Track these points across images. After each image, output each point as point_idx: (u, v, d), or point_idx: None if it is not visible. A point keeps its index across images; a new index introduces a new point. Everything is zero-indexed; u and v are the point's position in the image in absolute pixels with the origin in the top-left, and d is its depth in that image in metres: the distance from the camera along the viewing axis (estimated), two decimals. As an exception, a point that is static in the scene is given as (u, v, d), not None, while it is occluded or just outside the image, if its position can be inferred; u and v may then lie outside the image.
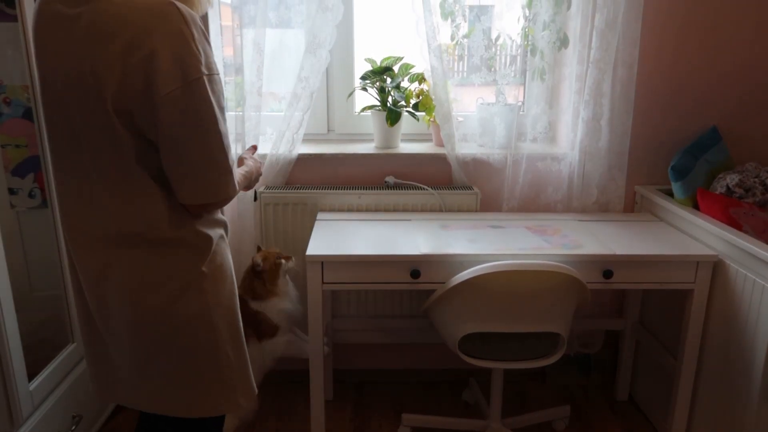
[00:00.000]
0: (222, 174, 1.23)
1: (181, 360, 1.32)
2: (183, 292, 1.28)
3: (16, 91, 1.89)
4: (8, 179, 1.97)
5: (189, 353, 1.32)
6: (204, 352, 1.33)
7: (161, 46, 1.09)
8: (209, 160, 1.20)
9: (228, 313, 1.36)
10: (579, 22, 2.21)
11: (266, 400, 2.42)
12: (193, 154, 1.18)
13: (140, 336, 1.30)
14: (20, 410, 1.64)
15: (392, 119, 2.32)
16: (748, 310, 1.79)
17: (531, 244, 1.96)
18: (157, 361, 1.32)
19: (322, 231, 2.08)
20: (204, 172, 1.21)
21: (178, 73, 1.10)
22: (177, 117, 1.14)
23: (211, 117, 1.17)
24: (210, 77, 1.15)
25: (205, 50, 1.15)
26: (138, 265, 1.26)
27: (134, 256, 1.25)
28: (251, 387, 1.43)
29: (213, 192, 1.24)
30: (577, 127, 2.28)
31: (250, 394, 1.43)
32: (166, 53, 1.09)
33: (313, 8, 2.16)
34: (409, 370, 2.62)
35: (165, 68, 1.09)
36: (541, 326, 1.84)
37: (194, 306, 1.29)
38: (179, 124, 1.15)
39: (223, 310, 1.34)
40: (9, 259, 1.58)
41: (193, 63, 1.12)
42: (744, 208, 2.03)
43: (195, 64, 1.12)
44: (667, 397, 2.16)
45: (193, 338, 1.31)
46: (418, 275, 1.87)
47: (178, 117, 1.14)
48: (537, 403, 2.48)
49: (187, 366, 1.33)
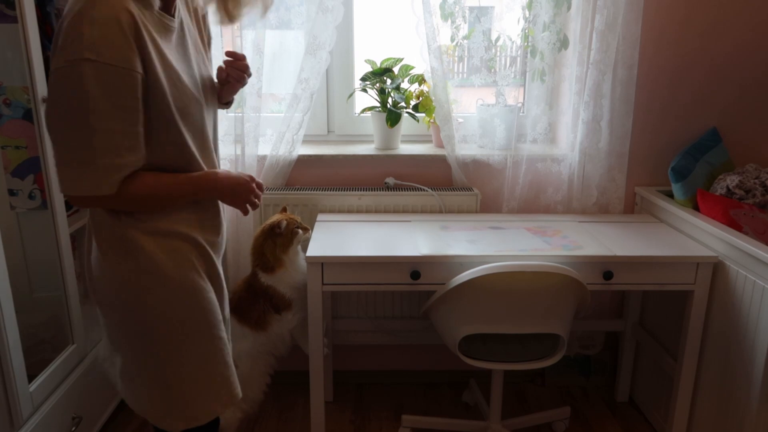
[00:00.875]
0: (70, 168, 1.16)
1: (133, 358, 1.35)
2: (120, 295, 1.30)
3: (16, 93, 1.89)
4: (8, 180, 1.97)
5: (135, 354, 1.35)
6: (143, 361, 1.34)
7: (65, 27, 1.11)
8: (66, 149, 1.15)
9: (171, 330, 1.32)
10: (579, 23, 2.21)
11: (267, 401, 2.42)
12: (52, 137, 1.15)
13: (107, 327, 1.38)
14: (20, 411, 1.63)
15: (392, 120, 2.32)
16: (748, 312, 1.78)
17: (531, 246, 1.96)
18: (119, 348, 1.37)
19: (322, 232, 2.08)
20: (56, 160, 1.16)
21: (64, 52, 1.10)
22: (50, 93, 1.14)
23: (81, 104, 1.11)
24: (99, 65, 1.10)
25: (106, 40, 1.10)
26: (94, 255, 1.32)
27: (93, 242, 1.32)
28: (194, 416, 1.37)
29: (66, 184, 1.17)
30: (577, 129, 2.28)
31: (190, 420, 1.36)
32: (64, 32, 1.11)
33: (313, 10, 2.16)
34: (409, 371, 2.62)
35: (59, 45, 1.11)
36: (541, 327, 1.84)
37: (131, 312, 1.30)
38: (50, 101, 1.14)
39: (165, 326, 1.31)
40: (9, 261, 1.58)
41: (76, 45, 1.09)
42: (744, 209, 2.03)
43: (78, 47, 1.09)
44: (667, 398, 2.16)
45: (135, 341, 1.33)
46: (418, 276, 1.87)
47: (50, 93, 1.14)
48: (537, 404, 2.48)
49: (136, 366, 1.35)
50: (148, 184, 1.24)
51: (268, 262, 2.02)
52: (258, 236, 2.05)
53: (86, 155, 1.15)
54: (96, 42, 1.09)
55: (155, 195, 1.27)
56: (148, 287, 1.29)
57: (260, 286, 2.03)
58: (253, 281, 2.05)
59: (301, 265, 2.08)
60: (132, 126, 1.18)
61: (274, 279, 2.03)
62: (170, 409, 1.35)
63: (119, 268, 1.28)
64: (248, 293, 2.05)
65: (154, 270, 1.29)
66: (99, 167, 1.16)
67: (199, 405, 1.37)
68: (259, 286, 2.03)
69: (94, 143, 1.14)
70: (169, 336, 1.32)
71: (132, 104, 1.16)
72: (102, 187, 1.17)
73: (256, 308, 2.04)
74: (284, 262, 2.03)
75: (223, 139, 2.24)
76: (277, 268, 2.02)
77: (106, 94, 1.12)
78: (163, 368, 1.33)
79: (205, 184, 1.35)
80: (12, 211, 2.00)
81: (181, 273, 1.32)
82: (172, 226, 1.32)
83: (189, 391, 1.35)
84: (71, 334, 1.96)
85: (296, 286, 2.05)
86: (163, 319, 1.31)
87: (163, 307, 1.30)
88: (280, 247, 2.02)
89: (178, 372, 1.34)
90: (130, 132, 1.18)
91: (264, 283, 2.03)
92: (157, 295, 1.30)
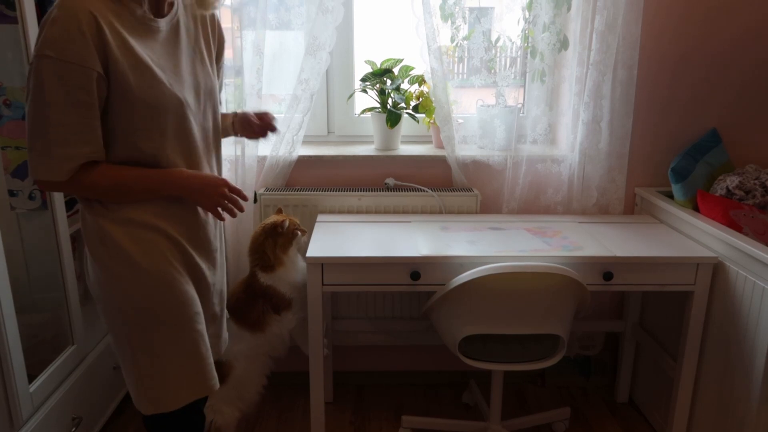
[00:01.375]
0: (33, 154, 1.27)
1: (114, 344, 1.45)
2: (97, 282, 1.40)
3: (16, 93, 1.89)
4: (8, 181, 1.97)
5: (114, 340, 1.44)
6: (117, 346, 1.43)
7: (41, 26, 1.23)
8: (30, 136, 1.26)
9: (140, 319, 1.38)
10: (579, 24, 2.21)
11: (266, 402, 2.42)
12: (27, 127, 1.26)
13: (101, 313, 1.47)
14: (20, 412, 1.63)
15: (392, 121, 2.32)
16: (748, 312, 1.78)
17: (531, 246, 1.96)
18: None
19: (322, 233, 2.08)
20: (28, 148, 1.27)
21: (34, 50, 1.22)
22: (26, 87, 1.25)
23: (40, 97, 1.21)
24: (56, 61, 1.19)
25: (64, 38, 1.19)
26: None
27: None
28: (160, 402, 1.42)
29: (30, 169, 1.28)
30: (577, 129, 2.28)
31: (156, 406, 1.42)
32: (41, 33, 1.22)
33: (313, 10, 2.16)
34: (409, 372, 2.62)
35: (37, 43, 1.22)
36: (541, 328, 1.84)
37: (105, 299, 1.40)
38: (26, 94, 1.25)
39: (134, 316, 1.38)
40: (9, 261, 1.58)
41: (39, 43, 1.20)
42: (744, 210, 2.03)
43: (40, 44, 1.20)
44: (667, 399, 2.16)
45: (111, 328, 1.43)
46: (418, 277, 1.87)
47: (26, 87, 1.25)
48: (537, 405, 2.48)
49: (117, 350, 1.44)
50: (106, 175, 1.31)
51: (268, 261, 2.02)
52: (258, 235, 2.04)
53: (43, 143, 1.25)
54: (56, 40, 1.19)
55: (115, 186, 1.33)
56: (117, 274, 1.36)
57: (259, 286, 2.02)
58: (252, 282, 2.04)
59: (301, 265, 2.07)
60: (86, 119, 1.26)
61: (274, 278, 2.02)
62: (142, 392, 1.42)
63: (96, 255, 1.38)
64: (246, 294, 2.05)
65: (123, 258, 1.35)
66: (53, 156, 1.25)
67: (168, 392, 1.42)
68: (258, 287, 2.03)
69: (50, 133, 1.24)
70: (139, 323, 1.38)
71: (86, 99, 1.24)
72: (55, 174, 1.27)
73: (255, 309, 2.03)
74: (284, 261, 2.03)
75: (223, 139, 2.23)
76: (277, 267, 2.02)
77: (62, 88, 1.21)
78: (133, 353, 1.40)
79: (170, 180, 1.39)
80: (12, 212, 2.00)
81: (150, 262, 1.37)
82: (142, 217, 1.38)
83: (158, 377, 1.41)
84: (71, 335, 1.96)
85: (296, 286, 2.04)
86: (132, 306, 1.38)
87: (131, 293, 1.37)
88: (280, 247, 2.01)
89: (147, 358, 1.40)
90: (83, 125, 1.26)
91: (263, 283, 2.02)
92: (127, 282, 1.37)
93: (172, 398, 1.42)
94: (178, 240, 1.42)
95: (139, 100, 1.30)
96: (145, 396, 1.41)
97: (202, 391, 1.46)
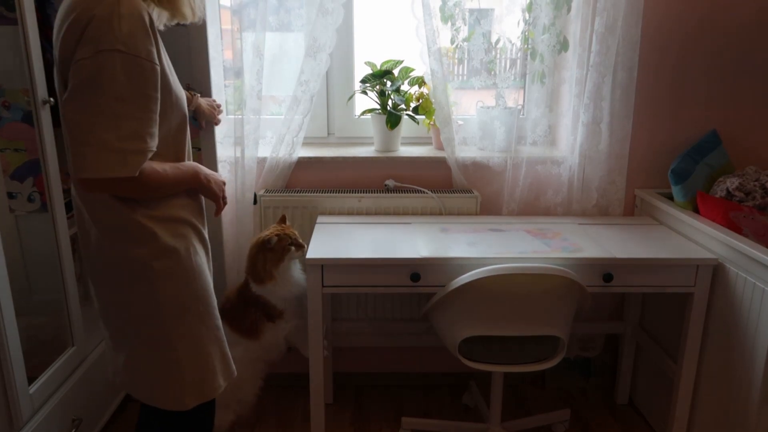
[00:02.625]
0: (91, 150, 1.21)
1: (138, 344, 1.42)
2: (131, 282, 1.37)
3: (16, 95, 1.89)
4: (7, 183, 1.97)
5: (142, 340, 1.42)
6: (153, 344, 1.41)
7: (93, 22, 1.19)
8: (87, 132, 1.20)
9: (182, 311, 1.41)
10: (579, 25, 2.22)
11: (266, 404, 2.42)
12: (75, 120, 1.21)
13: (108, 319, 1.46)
14: (20, 413, 1.63)
15: (392, 123, 2.32)
16: (748, 314, 1.78)
17: (531, 248, 1.96)
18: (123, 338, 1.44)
19: (322, 234, 2.08)
20: (77, 143, 1.22)
21: (94, 44, 1.19)
22: (76, 81, 1.21)
23: (111, 91, 1.20)
24: (127, 57, 1.20)
25: (133, 34, 1.21)
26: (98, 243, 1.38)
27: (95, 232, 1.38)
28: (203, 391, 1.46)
29: (87, 166, 1.22)
30: (577, 131, 2.28)
31: (199, 396, 1.46)
32: (92, 27, 1.19)
33: (313, 12, 2.16)
34: (409, 374, 2.62)
35: (87, 37, 1.19)
36: (541, 330, 1.84)
37: (142, 297, 1.38)
38: (74, 88, 1.21)
39: (176, 308, 1.40)
40: (8, 263, 1.58)
41: (108, 37, 1.19)
42: (744, 211, 2.03)
43: (110, 39, 1.19)
44: (667, 400, 2.16)
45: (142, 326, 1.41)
46: (418, 278, 1.87)
47: (76, 81, 1.21)
48: (537, 406, 2.48)
49: (142, 352, 1.42)
50: (158, 171, 1.32)
51: (258, 274, 2.02)
52: (252, 246, 2.05)
53: (111, 138, 1.21)
54: (125, 35, 1.20)
55: (164, 181, 1.35)
56: (161, 272, 1.36)
57: (251, 295, 2.03)
58: (245, 290, 2.05)
59: (296, 278, 2.06)
60: (152, 113, 1.28)
61: (265, 290, 2.03)
62: (182, 388, 1.42)
63: (130, 255, 1.35)
64: (240, 300, 2.05)
65: (168, 254, 1.37)
66: (126, 150, 1.23)
67: (208, 381, 1.46)
68: (250, 295, 2.03)
69: (121, 128, 1.22)
70: (180, 317, 1.40)
71: (153, 94, 1.26)
72: (127, 169, 1.24)
73: (248, 316, 2.03)
74: (274, 275, 2.01)
75: (223, 141, 2.24)
76: (267, 281, 2.02)
77: (132, 83, 1.22)
78: (174, 348, 1.41)
79: (194, 173, 1.46)
80: (11, 214, 2.00)
81: (188, 256, 1.41)
82: (177, 212, 1.41)
83: (200, 369, 1.44)
84: (71, 336, 1.96)
85: (287, 298, 2.05)
86: (175, 301, 1.39)
87: (175, 290, 1.39)
88: (270, 262, 2.00)
89: (189, 350, 1.42)
90: (151, 119, 1.27)
91: (255, 293, 2.03)
92: (171, 279, 1.38)
93: (212, 386, 1.47)
94: (201, 231, 1.49)
95: (175, 98, 1.36)
96: (189, 387, 1.43)
97: (230, 376, 1.53)
